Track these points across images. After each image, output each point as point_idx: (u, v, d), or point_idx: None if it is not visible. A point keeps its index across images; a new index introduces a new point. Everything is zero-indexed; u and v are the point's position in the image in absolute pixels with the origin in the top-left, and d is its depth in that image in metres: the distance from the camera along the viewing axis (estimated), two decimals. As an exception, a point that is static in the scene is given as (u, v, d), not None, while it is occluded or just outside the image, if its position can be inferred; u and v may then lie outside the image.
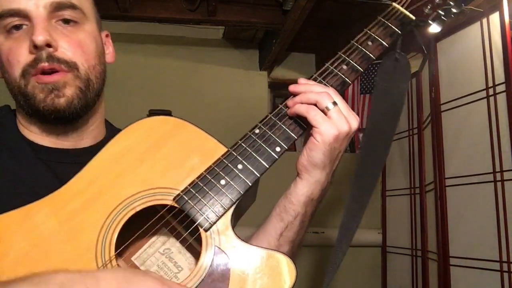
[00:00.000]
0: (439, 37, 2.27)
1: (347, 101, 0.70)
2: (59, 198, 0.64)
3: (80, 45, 0.73)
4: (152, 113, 0.79)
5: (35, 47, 0.68)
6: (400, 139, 2.76)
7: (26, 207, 0.62)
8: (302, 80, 0.72)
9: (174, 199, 0.65)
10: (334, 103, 0.67)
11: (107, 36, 0.85)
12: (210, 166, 0.66)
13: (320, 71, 0.75)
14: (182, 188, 0.65)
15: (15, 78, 0.71)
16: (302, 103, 0.68)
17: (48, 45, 0.69)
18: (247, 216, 0.93)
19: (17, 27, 0.70)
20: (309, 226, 0.76)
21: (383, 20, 0.79)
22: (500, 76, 1.87)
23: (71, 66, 0.71)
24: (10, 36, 0.71)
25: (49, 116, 0.71)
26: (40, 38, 0.68)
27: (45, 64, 0.69)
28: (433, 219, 2.23)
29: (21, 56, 0.70)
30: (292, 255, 0.75)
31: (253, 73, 3.11)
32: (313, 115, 0.66)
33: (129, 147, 0.68)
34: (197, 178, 0.66)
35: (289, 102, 0.70)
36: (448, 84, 2.18)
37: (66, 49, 0.71)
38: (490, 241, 1.83)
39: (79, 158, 0.69)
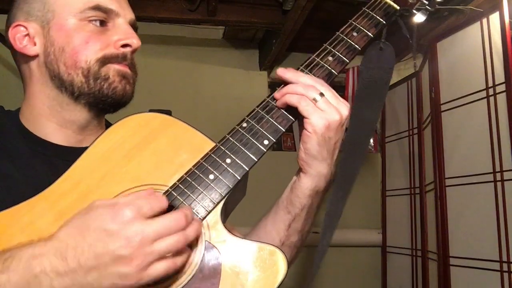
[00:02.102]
0: (439, 37, 2.27)
1: (347, 100, 0.71)
2: (47, 198, 0.63)
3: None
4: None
5: (124, 46, 0.76)
6: (400, 139, 2.76)
7: (16, 207, 0.62)
8: (290, 69, 0.72)
9: (163, 195, 0.64)
10: (321, 95, 0.68)
11: None
12: (199, 161, 0.66)
13: (306, 63, 0.75)
14: (171, 184, 0.65)
15: (87, 59, 0.74)
16: (291, 94, 0.69)
17: (133, 51, 0.78)
18: (246, 216, 0.93)
19: (101, 23, 0.76)
20: (317, 214, 0.77)
21: (367, 10, 0.80)
22: (500, 76, 1.87)
23: (135, 72, 0.80)
24: (89, 25, 0.75)
25: (110, 98, 0.76)
26: (136, 42, 0.77)
27: (128, 63, 0.77)
28: (433, 219, 2.23)
29: (103, 46, 0.75)
30: (302, 243, 0.77)
31: (253, 73, 3.11)
32: (304, 106, 0.67)
33: (117, 144, 0.68)
34: (186, 173, 0.65)
35: (277, 94, 0.71)
36: (448, 84, 2.18)
37: (134, 58, 0.80)
38: (490, 241, 1.83)
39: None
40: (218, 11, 2.46)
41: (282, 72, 0.72)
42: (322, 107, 0.67)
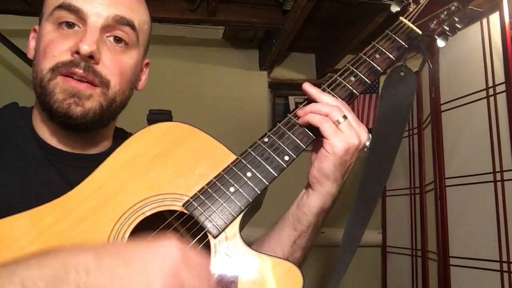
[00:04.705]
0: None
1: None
2: (68, 202, 0.64)
3: (120, 67, 0.73)
4: (152, 113, 0.79)
5: (77, 53, 0.69)
6: (400, 139, 2.76)
7: (35, 209, 0.62)
8: (315, 87, 0.73)
9: (183, 205, 0.65)
10: (345, 117, 0.69)
11: (146, 64, 0.85)
12: (220, 173, 0.67)
13: (328, 82, 0.76)
14: (191, 195, 0.65)
15: (42, 68, 0.70)
16: (314, 113, 0.69)
17: (91, 57, 0.69)
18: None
19: (69, 25, 0.71)
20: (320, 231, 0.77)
21: (390, 34, 0.81)
22: (500, 76, 1.86)
23: (104, 83, 0.72)
24: (58, 30, 0.71)
25: (58, 118, 0.71)
26: (85, 48, 0.68)
27: (80, 71, 0.69)
28: (433, 219, 2.24)
29: (58, 52, 0.70)
30: (304, 259, 0.77)
31: (253, 73, 3.11)
32: (326, 127, 0.68)
33: (139, 152, 0.69)
34: (207, 184, 0.66)
35: (300, 111, 0.71)
36: (448, 84, 2.18)
37: (106, 66, 0.71)
38: (490, 241, 1.83)
39: (89, 164, 0.68)
40: (218, 11, 2.46)
41: (307, 86, 0.72)
42: (344, 129, 0.68)
